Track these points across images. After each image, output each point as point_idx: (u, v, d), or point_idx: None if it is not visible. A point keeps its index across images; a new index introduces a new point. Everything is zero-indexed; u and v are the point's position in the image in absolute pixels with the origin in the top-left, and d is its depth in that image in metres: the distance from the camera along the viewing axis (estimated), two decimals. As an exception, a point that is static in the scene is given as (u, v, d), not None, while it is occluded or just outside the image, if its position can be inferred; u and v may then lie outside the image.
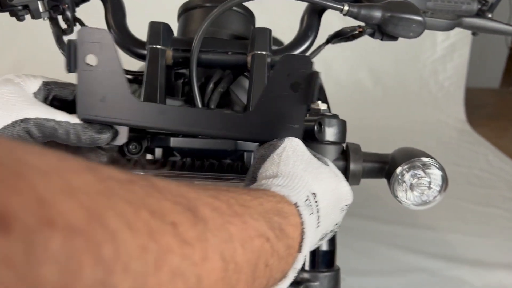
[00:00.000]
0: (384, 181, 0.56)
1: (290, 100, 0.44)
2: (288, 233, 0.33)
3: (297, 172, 0.39)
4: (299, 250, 0.35)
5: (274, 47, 0.60)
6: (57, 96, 0.46)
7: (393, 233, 1.81)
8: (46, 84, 0.45)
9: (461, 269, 1.63)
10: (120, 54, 0.63)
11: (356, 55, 2.90)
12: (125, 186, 0.21)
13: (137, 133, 0.53)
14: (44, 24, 0.64)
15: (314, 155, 0.46)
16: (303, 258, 0.35)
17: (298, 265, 0.35)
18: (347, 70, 2.96)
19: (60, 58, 0.66)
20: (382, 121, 2.84)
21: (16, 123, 0.40)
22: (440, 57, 3.07)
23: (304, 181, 0.38)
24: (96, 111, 0.44)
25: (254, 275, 0.29)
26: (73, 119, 0.43)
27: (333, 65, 2.90)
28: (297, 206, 0.36)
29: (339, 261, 1.73)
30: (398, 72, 3.05)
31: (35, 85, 0.44)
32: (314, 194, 0.38)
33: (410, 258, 1.68)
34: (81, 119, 0.44)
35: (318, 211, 0.37)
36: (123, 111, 0.44)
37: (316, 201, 0.38)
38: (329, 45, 0.66)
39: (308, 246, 0.35)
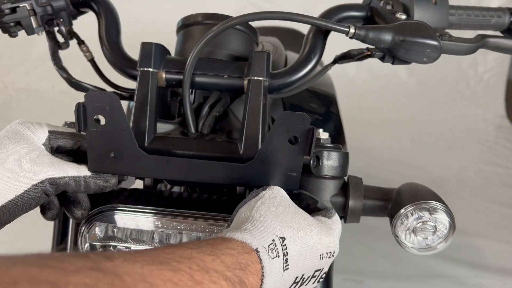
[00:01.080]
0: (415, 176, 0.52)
1: (288, 152, 0.47)
2: (248, 283, 0.36)
3: (267, 217, 0.42)
4: None
5: (274, 71, 0.56)
6: (61, 147, 0.49)
7: (418, 235, 1.75)
8: (51, 133, 0.48)
9: (487, 277, 1.55)
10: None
11: (390, 44, 2.78)
12: None
13: None
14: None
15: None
16: None
17: None
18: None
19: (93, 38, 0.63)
20: (415, 115, 2.73)
21: (34, 186, 0.44)
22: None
23: (272, 225, 0.41)
24: (105, 166, 0.47)
25: None
26: (83, 171, 0.47)
27: (366, 54, 2.79)
28: (258, 252, 0.38)
29: (358, 261, 1.68)
30: (434, 63, 2.90)
31: (43, 135, 0.47)
32: (283, 238, 0.40)
33: (434, 263, 1.61)
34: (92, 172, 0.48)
35: (286, 254, 0.40)
36: (131, 164, 0.47)
37: (284, 245, 0.40)
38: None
39: None
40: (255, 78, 0.52)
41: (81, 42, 0.62)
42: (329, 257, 0.44)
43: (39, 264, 0.24)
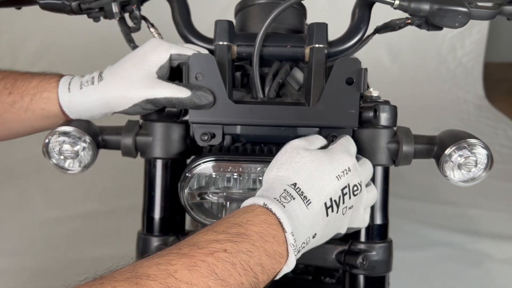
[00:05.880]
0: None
1: (347, 91, 0.58)
2: (249, 232, 0.42)
3: (273, 173, 0.49)
4: (284, 230, 0.43)
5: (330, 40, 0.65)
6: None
7: (417, 209, 1.84)
8: (173, 56, 0.59)
9: (482, 242, 1.66)
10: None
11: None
12: None
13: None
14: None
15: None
16: (291, 235, 0.43)
17: (291, 240, 0.43)
18: (364, 47, 2.96)
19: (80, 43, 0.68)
20: (399, 99, 2.81)
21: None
22: (459, 33, 3.06)
23: (278, 179, 0.48)
24: (203, 116, 0.59)
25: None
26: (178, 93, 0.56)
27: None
28: (267, 207, 0.44)
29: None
30: (416, 49, 3.05)
31: (164, 59, 0.58)
32: (294, 184, 0.47)
33: (433, 233, 1.71)
34: (192, 123, 0.60)
35: (302, 194, 0.46)
36: (223, 113, 0.58)
37: (298, 188, 0.46)
38: (341, 20, 0.69)
39: (290, 225, 0.43)
40: (317, 46, 0.61)
41: (151, 25, 0.69)
42: (347, 173, 0.50)
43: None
